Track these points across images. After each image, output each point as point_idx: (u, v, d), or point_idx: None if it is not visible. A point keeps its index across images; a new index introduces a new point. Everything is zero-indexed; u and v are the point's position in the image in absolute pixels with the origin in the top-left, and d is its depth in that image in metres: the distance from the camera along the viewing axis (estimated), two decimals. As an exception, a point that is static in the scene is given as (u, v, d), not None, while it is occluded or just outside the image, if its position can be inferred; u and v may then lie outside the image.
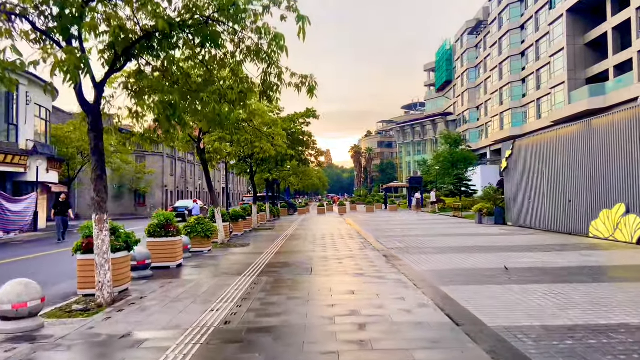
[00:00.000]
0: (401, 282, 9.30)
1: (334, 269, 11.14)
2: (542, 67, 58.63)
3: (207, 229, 15.47)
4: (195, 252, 15.16)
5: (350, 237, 19.42)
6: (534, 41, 60.60)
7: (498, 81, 69.55)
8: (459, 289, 8.51)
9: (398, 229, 23.83)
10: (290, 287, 9.15)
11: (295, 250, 15.29)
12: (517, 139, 23.59)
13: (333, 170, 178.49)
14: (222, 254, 14.85)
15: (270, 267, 11.82)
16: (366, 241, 17.62)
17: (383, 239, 18.55)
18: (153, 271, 11.50)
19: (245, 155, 23.72)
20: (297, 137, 25.46)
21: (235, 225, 22.12)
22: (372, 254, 13.67)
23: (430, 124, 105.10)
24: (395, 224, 27.51)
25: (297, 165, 32.58)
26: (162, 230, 12.25)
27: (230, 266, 12.24)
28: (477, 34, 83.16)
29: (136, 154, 55.01)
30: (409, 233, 20.96)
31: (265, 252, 14.92)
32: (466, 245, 15.35)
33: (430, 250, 14.52)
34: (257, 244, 18.01)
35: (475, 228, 22.73)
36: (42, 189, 31.51)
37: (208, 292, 8.87)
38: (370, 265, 11.62)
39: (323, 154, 26.04)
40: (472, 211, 27.01)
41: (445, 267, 11.06)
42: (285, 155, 21.63)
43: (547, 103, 57.67)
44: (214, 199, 17.89)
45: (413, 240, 17.52)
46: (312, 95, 8.98)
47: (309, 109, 25.03)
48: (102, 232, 8.15)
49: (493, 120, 72.67)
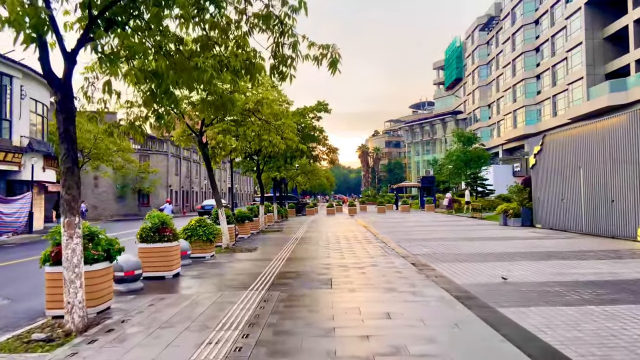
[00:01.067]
0: (445, 300, 7.54)
1: (357, 281, 9.38)
2: (558, 62, 56.66)
3: (209, 232, 13.77)
4: (196, 258, 13.46)
5: (367, 241, 17.66)
6: (549, 36, 58.65)
7: (511, 78, 67.55)
8: (524, 312, 6.73)
9: (417, 231, 22.04)
10: (308, 306, 7.40)
11: (308, 257, 13.54)
12: (547, 133, 21.74)
13: (340, 170, 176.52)
14: (227, 261, 13.13)
15: (282, 277, 10.08)
16: (386, 245, 15.85)
17: (404, 242, 16.78)
18: (145, 282, 9.80)
19: (252, 151, 22.00)
20: (307, 132, 23.59)
21: (241, 227, 20.42)
22: (398, 262, 11.90)
23: (439, 122, 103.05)
24: (412, 226, 25.72)
25: (307, 163, 30.87)
26: (155, 234, 10.54)
27: (235, 276, 10.51)
28: (488, 30, 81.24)
29: (140, 152, 53.48)
30: (431, 236, 19.17)
31: (274, 259, 13.19)
32: (503, 252, 13.55)
33: (463, 256, 12.74)
34: (265, 248, 16.29)
35: (502, 230, 20.90)
36: (39, 188, 29.94)
37: (207, 313, 7.15)
38: (399, 276, 9.86)
39: (335, 150, 24.19)
40: (496, 212, 25.16)
41: (491, 280, 9.27)
42: (296, 151, 19.91)
43: (563, 100, 55.69)
44: (217, 198, 16.18)
45: (438, 245, 15.73)
46: (335, 70, 7.21)
47: (320, 102, 23.14)
48: (72, 240, 6.44)
49: (506, 119, 70.67)
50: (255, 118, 14.35)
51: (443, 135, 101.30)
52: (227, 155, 21.45)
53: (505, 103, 71.16)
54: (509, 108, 68.33)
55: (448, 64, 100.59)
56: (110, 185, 51.33)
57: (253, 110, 14.04)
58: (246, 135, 15.30)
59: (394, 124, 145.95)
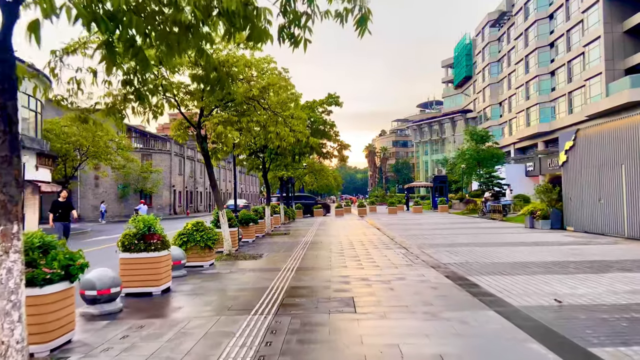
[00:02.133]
0: (508, 332, 5.71)
1: (386, 302, 7.58)
2: (574, 58, 54.67)
3: (208, 237, 12.00)
4: (193, 268, 11.70)
5: (385, 246, 15.84)
6: (564, 31, 56.65)
7: (524, 75, 65.56)
8: (629, 355, 4.91)
9: (437, 234, 20.21)
10: (329, 342, 5.60)
11: (321, 266, 11.74)
12: (580, 127, 19.86)
13: (346, 170, 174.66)
14: (227, 271, 11.35)
15: (292, 294, 8.29)
16: (408, 252, 14.02)
17: (427, 248, 14.96)
18: (127, 300, 8.05)
19: (257, 148, 20.23)
20: (317, 127, 21.76)
21: (245, 231, 18.66)
22: (429, 274, 10.08)
23: (448, 121, 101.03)
24: (430, 228, 23.87)
25: (316, 161, 29.10)
26: (141, 242, 8.77)
27: (237, 293, 8.72)
28: (499, 26, 79.22)
29: (142, 152, 51.92)
30: (455, 240, 17.33)
31: (283, 268, 11.40)
32: (548, 260, 11.70)
33: (503, 267, 10.90)
34: (271, 254, 14.50)
35: (530, 234, 19.04)
36: (32, 188, 28.28)
37: (196, 351, 5.36)
38: (437, 294, 8.05)
39: (347, 147, 22.26)
40: (520, 213, 23.27)
41: (554, 302, 7.44)
42: (305, 146, 18.16)
43: (580, 96, 53.70)
44: (218, 199, 14.41)
45: (468, 252, 13.90)
46: (363, 31, 5.40)
47: (331, 94, 21.33)
48: (7, 256, 4.66)
49: (518, 117, 68.70)
50: (260, 107, 12.56)
51: (452, 135, 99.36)
52: (229, 151, 19.77)
53: (517, 101, 69.21)
54: (521, 106, 66.38)
55: (457, 62, 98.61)
56: (112, 186, 49.74)
57: (258, 98, 12.25)
58: (250, 128, 13.51)
59: (402, 123, 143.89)
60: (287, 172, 27.30)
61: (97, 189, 49.54)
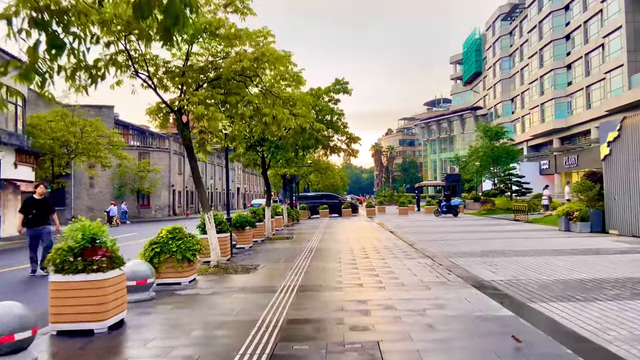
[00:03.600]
0: None
1: (433, 355, 5.04)
2: (593, 50, 51.96)
3: (187, 247, 9.48)
4: (168, 286, 9.22)
5: (405, 254, 13.28)
6: (581, 22, 53.95)
7: (538, 69, 62.76)
8: None
9: (463, 239, 17.61)
10: None
11: (329, 284, 9.20)
12: (627, 116, 17.20)
13: (352, 170, 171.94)
14: (210, 292, 8.82)
15: (289, 336, 5.76)
16: (435, 263, 11.46)
17: (457, 258, 12.39)
18: (56, 342, 5.57)
19: (255, 141, 17.69)
20: (323, 116, 18.98)
21: (240, 236, 16.16)
22: (476, 299, 7.50)
23: (457, 119, 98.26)
24: (451, 232, 21.26)
25: (323, 156, 26.56)
26: (78, 259, 6.26)
27: (213, 333, 6.16)
28: (511, 19, 76.55)
29: (139, 150, 49.53)
30: (486, 247, 14.72)
31: (280, 287, 8.87)
32: (626, 276, 9.11)
33: (573, 287, 8.30)
34: (269, 265, 11.97)
35: (572, 239, 16.44)
36: (12, 188, 25.89)
37: None
38: (501, 332, 5.50)
39: (356, 140, 19.50)
40: (555, 214, 20.66)
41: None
42: (310, 138, 15.64)
43: (599, 90, 50.95)
44: (203, 199, 11.88)
45: (511, 263, 11.32)
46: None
47: (339, 79, 18.67)
48: None
49: (531, 113, 65.91)
50: (253, 85, 10.04)
51: (461, 133, 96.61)
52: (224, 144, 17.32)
53: (531, 96, 66.48)
54: (535, 101, 63.65)
55: (466, 58, 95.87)
56: (107, 185, 47.35)
57: (249, 73, 9.73)
58: (242, 113, 10.97)
59: (408, 122, 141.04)
60: (289, 169, 24.74)
61: (92, 189, 47.17)
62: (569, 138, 59.35)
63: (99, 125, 30.48)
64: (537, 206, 30.60)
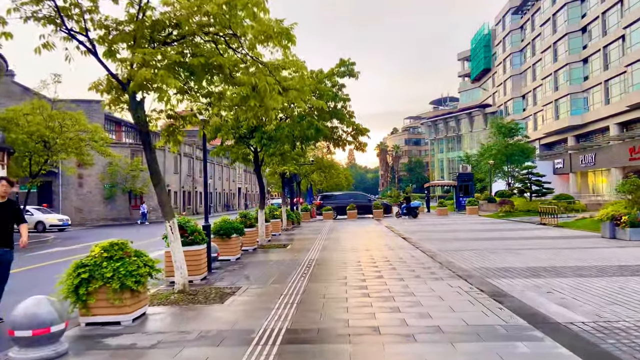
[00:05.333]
0: None
1: None
2: (612, 42, 48.93)
3: (129, 272, 6.64)
4: (101, 326, 6.40)
5: (429, 273, 10.37)
6: (599, 13, 50.96)
7: (552, 64, 59.68)
8: None
9: (494, 250, 14.64)
10: None
11: (331, 331, 6.31)
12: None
13: (356, 170, 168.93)
14: (154, 342, 5.94)
15: None
16: (472, 287, 8.55)
17: (499, 278, 9.49)
18: None
19: (244, 132, 14.81)
20: (325, 102, 15.84)
21: (225, 245, 13.29)
22: (564, 363, 4.66)
23: (466, 117, 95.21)
24: (475, 239, 18.30)
25: (325, 148, 23.71)
26: None
27: None
28: (522, 13, 73.56)
29: (131, 147, 46.75)
30: (531, 261, 11.79)
31: (259, 335, 6.00)
32: None
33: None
34: (252, 290, 9.08)
35: (628, 249, 13.53)
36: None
37: None
38: None
39: (364, 131, 16.53)
40: (598, 217, 17.72)
41: None
42: (311, 124, 12.75)
43: (619, 84, 47.90)
44: (163, 200, 8.98)
45: (577, 290, 8.40)
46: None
47: (344, 60, 15.66)
48: None
49: (545, 109, 62.84)
50: (224, 43, 7.16)
51: (469, 131, 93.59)
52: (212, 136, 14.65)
53: (544, 92, 63.42)
54: (549, 97, 60.57)
55: (475, 54, 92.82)
56: (97, 185, 44.55)
57: (219, 25, 6.86)
58: (215, 84, 8.12)
59: (414, 121, 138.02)
60: (288, 167, 21.89)
61: (81, 189, 44.38)
62: (585, 135, 56.40)
63: (81, 119, 27.64)
64: (560, 207, 27.57)
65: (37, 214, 32.91)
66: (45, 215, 33.18)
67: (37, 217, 32.39)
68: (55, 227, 32.39)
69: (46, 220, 32.53)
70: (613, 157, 46.38)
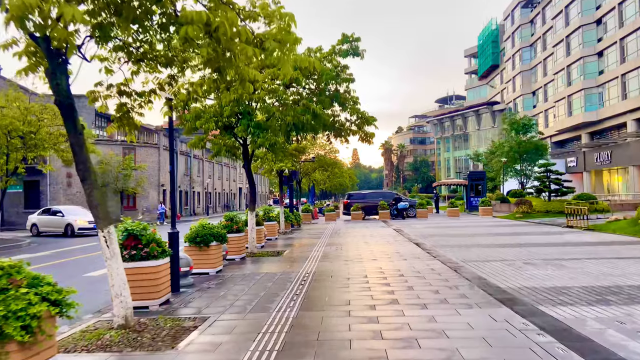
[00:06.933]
0: None
1: None
2: (630, 34, 46.34)
3: (13, 312, 4.23)
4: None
5: (460, 297, 7.93)
6: (615, 4, 48.38)
7: (564, 58, 57.04)
8: None
9: (529, 260, 12.18)
10: None
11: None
12: None
13: (360, 169, 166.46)
14: None
15: None
16: (530, 326, 6.13)
17: (558, 307, 7.05)
18: None
19: (227, 118, 12.39)
20: (325, 81, 13.32)
21: (202, 257, 10.89)
22: None
23: (473, 115, 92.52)
24: (500, 246, 15.79)
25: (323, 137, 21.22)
26: None
27: None
28: (532, 6, 71.03)
29: (123, 146, 44.39)
30: (581, 277, 9.35)
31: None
32: None
33: None
34: (223, 323, 6.67)
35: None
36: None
37: None
38: None
39: (371, 121, 14.13)
40: (637, 217, 15.21)
41: None
42: (307, 109, 10.34)
43: (638, 78, 45.31)
44: (92, 201, 6.52)
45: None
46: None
47: (346, 35, 13.15)
48: None
49: (557, 106, 60.19)
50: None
51: (477, 129, 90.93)
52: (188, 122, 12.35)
53: (556, 88, 60.80)
54: (561, 93, 57.95)
55: (482, 50, 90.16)
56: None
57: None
58: (131, 10, 5.69)
59: (420, 120, 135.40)
60: (285, 163, 19.44)
61: (70, 189, 42.06)
62: (600, 132, 53.86)
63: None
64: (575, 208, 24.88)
65: (69, 216, 28.47)
66: (74, 217, 28.39)
67: (67, 219, 28.24)
68: (85, 230, 27.87)
69: (75, 222, 27.92)
70: (631, 155, 43.87)
